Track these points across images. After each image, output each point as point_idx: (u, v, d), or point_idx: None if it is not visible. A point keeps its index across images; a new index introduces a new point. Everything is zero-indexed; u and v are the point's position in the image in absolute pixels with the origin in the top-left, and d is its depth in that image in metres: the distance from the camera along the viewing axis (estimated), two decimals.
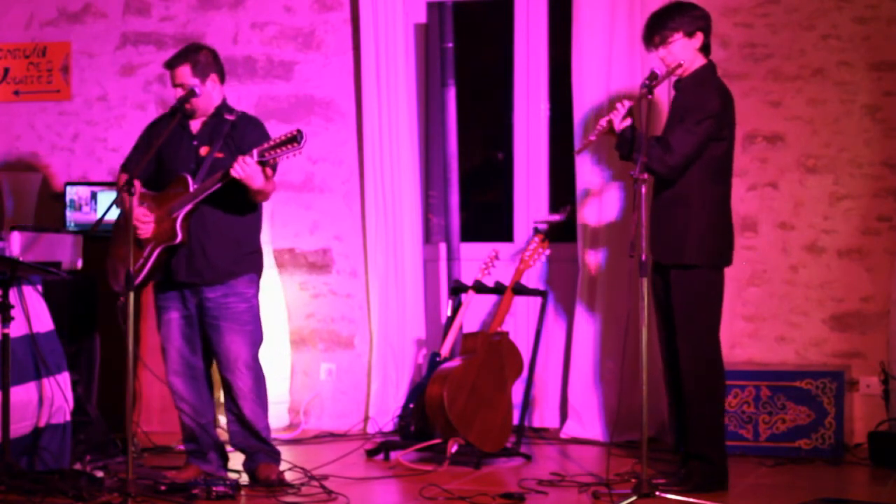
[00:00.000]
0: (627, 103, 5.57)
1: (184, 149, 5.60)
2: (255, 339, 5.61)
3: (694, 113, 5.42)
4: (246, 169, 5.32)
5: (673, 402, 5.63)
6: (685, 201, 5.44)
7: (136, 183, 5.60)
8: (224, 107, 5.65)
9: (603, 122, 5.62)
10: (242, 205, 5.53)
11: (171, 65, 5.60)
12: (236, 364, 5.54)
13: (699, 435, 5.45)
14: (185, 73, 5.56)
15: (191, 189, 5.45)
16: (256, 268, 5.65)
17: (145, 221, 5.47)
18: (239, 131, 5.58)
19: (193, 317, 5.59)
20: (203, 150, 5.56)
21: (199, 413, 5.61)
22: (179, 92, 5.55)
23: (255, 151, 5.35)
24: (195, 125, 5.63)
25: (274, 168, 5.52)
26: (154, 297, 5.69)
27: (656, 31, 5.53)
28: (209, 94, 5.60)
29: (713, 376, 5.47)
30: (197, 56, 5.58)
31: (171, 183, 5.54)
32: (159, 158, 5.63)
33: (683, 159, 5.39)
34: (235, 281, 5.56)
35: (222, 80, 5.67)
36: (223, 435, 5.83)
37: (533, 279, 7.01)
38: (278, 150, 5.33)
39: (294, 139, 5.30)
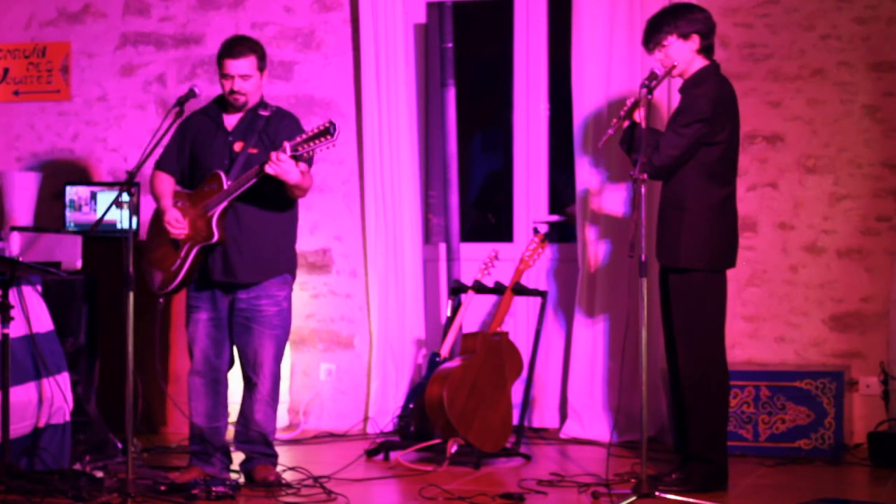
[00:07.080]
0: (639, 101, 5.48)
1: (218, 145, 5.52)
2: (282, 342, 5.58)
3: (684, 115, 5.42)
4: (280, 165, 5.26)
5: (674, 404, 5.63)
6: (680, 204, 5.44)
7: (170, 180, 5.57)
8: (260, 103, 5.58)
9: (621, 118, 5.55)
10: (278, 201, 5.47)
11: (237, 54, 5.45)
12: (262, 368, 5.52)
13: (699, 438, 5.43)
14: (251, 63, 5.47)
15: (225, 186, 5.38)
16: (290, 268, 5.59)
17: (177, 226, 5.40)
18: (273, 126, 5.51)
19: (223, 319, 5.54)
20: (237, 146, 5.49)
21: (212, 416, 5.56)
22: (237, 82, 5.45)
23: (287, 146, 5.27)
24: (230, 121, 5.56)
25: (309, 162, 5.43)
26: (187, 294, 5.63)
27: (652, 34, 5.53)
28: (261, 87, 5.55)
29: (714, 380, 5.45)
30: (256, 47, 5.51)
31: (204, 180, 5.47)
32: (193, 155, 5.57)
33: (669, 160, 5.39)
34: (269, 282, 5.51)
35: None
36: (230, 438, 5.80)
37: (533, 279, 7.01)
38: (312, 144, 5.24)
39: (327, 131, 5.21)
